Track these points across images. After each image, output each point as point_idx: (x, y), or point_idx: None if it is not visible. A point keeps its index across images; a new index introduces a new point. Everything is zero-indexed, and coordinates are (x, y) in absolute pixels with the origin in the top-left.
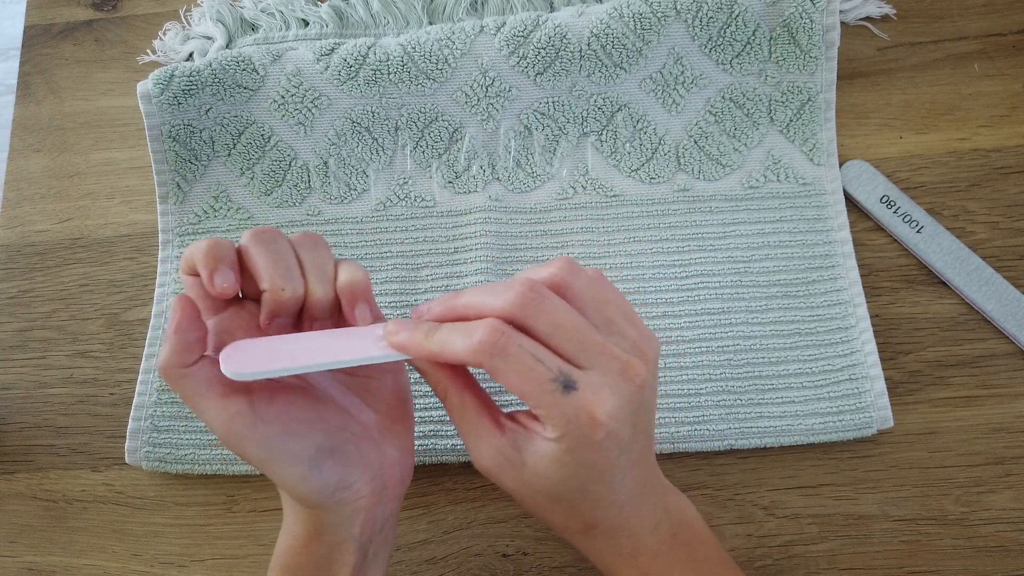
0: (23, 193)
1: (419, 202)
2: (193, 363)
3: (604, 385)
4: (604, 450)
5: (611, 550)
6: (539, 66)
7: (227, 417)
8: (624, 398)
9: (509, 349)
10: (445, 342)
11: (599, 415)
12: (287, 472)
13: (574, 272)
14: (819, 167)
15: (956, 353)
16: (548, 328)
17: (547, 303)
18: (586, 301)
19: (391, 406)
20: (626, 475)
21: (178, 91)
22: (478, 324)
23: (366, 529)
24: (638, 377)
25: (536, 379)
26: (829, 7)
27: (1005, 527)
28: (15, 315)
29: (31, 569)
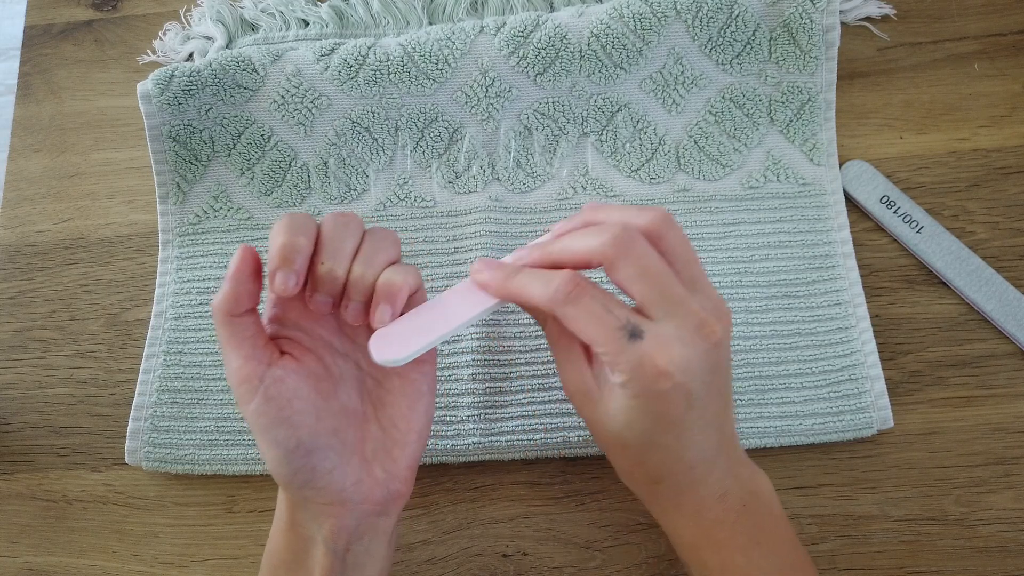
0: (23, 193)
1: (419, 202)
2: (240, 314)
3: (674, 337)
4: (671, 402)
5: (674, 507)
6: (539, 66)
7: (238, 377)
8: (696, 352)
9: (581, 299)
10: (524, 286)
11: (663, 364)
12: (265, 449)
13: (669, 225)
14: (819, 167)
15: (956, 353)
16: (634, 271)
17: (637, 247)
18: (677, 254)
19: (395, 429)
20: (697, 434)
21: (178, 91)
22: (557, 274)
23: (338, 536)
24: (714, 335)
25: (604, 326)
26: (829, 7)
27: (1005, 527)
28: (15, 315)
29: (31, 569)
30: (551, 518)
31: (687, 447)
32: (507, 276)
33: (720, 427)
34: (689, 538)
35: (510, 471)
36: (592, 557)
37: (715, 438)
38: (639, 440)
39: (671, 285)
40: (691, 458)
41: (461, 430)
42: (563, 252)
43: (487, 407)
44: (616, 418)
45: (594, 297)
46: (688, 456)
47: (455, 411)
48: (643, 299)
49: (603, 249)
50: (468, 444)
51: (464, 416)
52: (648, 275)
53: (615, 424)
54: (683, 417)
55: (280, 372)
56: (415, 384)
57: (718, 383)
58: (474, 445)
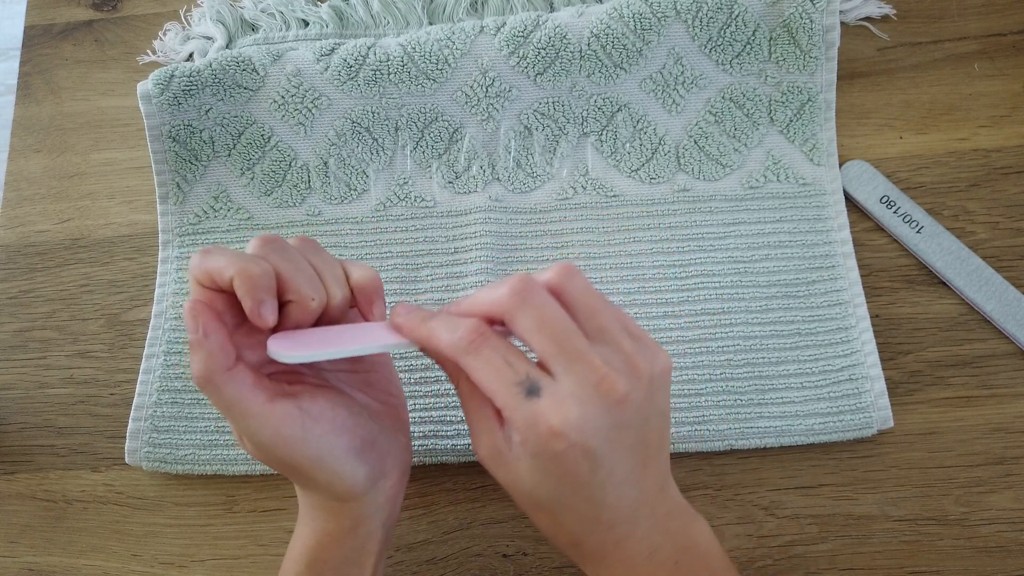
0: (23, 193)
1: (419, 202)
2: (232, 367)
3: (571, 395)
4: (571, 462)
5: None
6: (539, 66)
7: (276, 421)
8: (592, 411)
9: (482, 349)
10: (432, 331)
11: (556, 424)
12: (339, 468)
13: (570, 276)
14: (819, 167)
15: (956, 353)
16: (531, 324)
17: (535, 299)
18: (578, 306)
19: (390, 396)
20: (610, 494)
21: (178, 91)
22: (462, 321)
23: (392, 514)
24: (614, 392)
25: (503, 380)
26: (829, 7)
27: (1005, 527)
28: (15, 315)
29: (31, 569)
30: None
31: (600, 507)
32: (421, 320)
33: (638, 484)
34: None
35: None
36: None
37: (632, 496)
38: (549, 501)
39: (571, 338)
40: (608, 518)
41: (461, 430)
42: (471, 306)
43: None
44: (525, 479)
45: (496, 349)
46: (604, 516)
47: (455, 411)
48: (541, 353)
49: (499, 302)
50: (468, 444)
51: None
52: (545, 327)
53: (524, 486)
54: (589, 478)
55: (309, 396)
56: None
57: (627, 440)
58: None
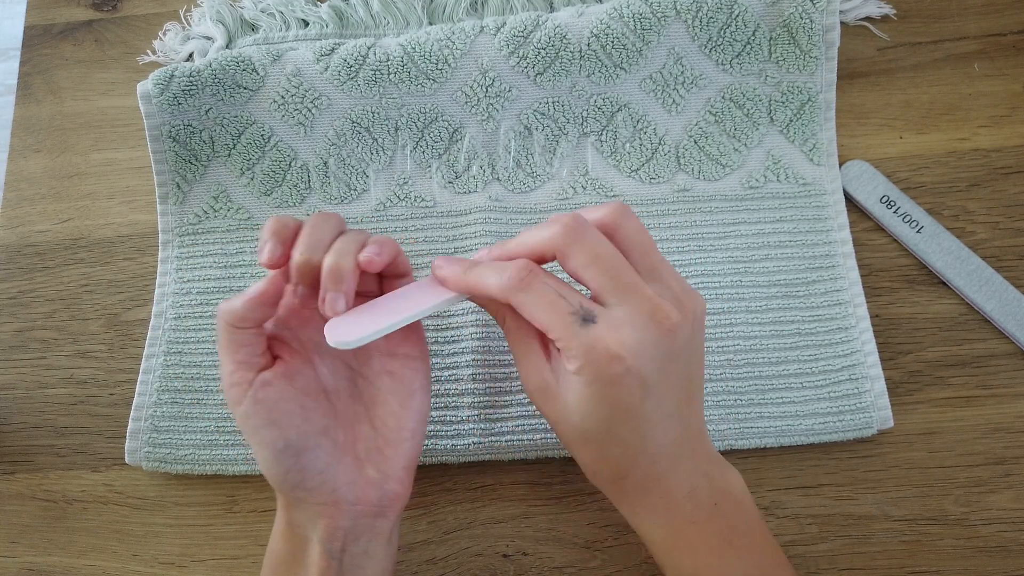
0: (23, 193)
1: (419, 202)
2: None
3: (627, 322)
4: (625, 388)
5: (644, 507)
6: (539, 66)
7: (229, 381)
8: (648, 337)
9: (534, 285)
10: (480, 277)
11: (614, 347)
12: (256, 450)
13: (624, 215)
14: (819, 167)
15: (956, 353)
16: (585, 259)
17: (588, 235)
18: (632, 243)
19: (387, 428)
20: (657, 425)
21: (178, 91)
22: (510, 263)
23: (334, 536)
24: (667, 320)
25: (557, 311)
26: (829, 7)
27: (1005, 527)
28: (15, 315)
29: (31, 569)
30: (551, 518)
31: (647, 439)
32: (465, 269)
33: (683, 419)
34: (661, 540)
35: (510, 471)
36: (592, 557)
37: (677, 430)
38: (598, 432)
39: (624, 272)
40: (653, 451)
41: (461, 430)
42: (518, 247)
43: (487, 407)
44: (574, 410)
45: (547, 283)
46: (650, 449)
47: (455, 411)
48: (596, 286)
49: (553, 239)
50: (468, 444)
51: (464, 416)
52: (599, 262)
53: (574, 417)
54: (639, 406)
55: (268, 376)
56: (405, 382)
57: (676, 372)
58: (474, 445)
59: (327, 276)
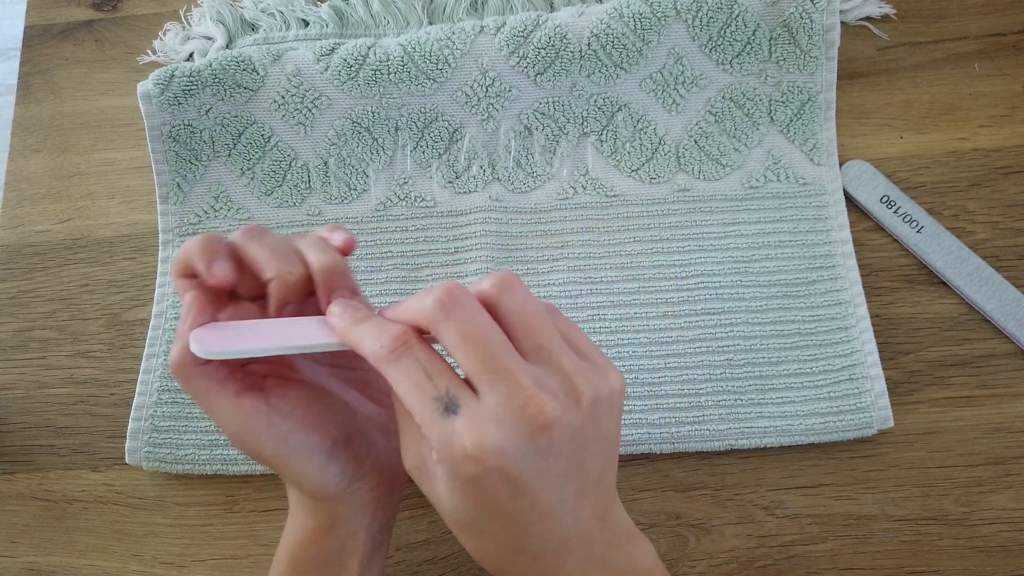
0: (23, 193)
1: (419, 202)
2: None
3: (491, 417)
4: (488, 488)
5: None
6: (539, 66)
7: (242, 415)
8: (514, 436)
9: (403, 359)
10: (361, 336)
11: (471, 447)
12: (305, 466)
13: (507, 288)
14: (819, 167)
15: (956, 353)
16: (456, 337)
17: (461, 312)
18: (514, 321)
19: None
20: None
21: (178, 91)
22: (389, 328)
23: (376, 519)
24: (541, 416)
25: (421, 394)
26: (829, 7)
27: (1005, 527)
28: (15, 315)
29: (31, 569)
30: None
31: (523, 537)
32: (353, 322)
33: (571, 514)
34: None
35: None
36: None
37: (563, 525)
38: (470, 525)
39: (499, 355)
40: (533, 548)
41: None
42: (398, 313)
43: None
44: (445, 499)
45: (418, 359)
46: (528, 546)
47: None
48: (466, 368)
49: (425, 312)
50: None
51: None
52: (470, 341)
53: (445, 505)
54: (509, 505)
55: (279, 389)
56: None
57: (557, 467)
58: None
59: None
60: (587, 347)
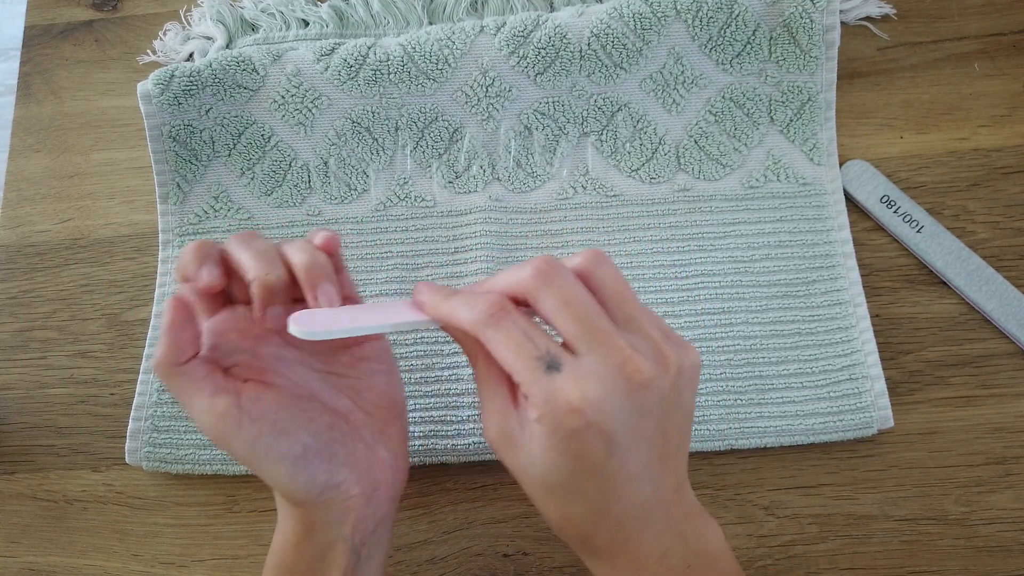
0: (23, 193)
1: (419, 202)
2: (185, 361)
3: (593, 373)
4: (587, 443)
5: (610, 569)
6: (539, 66)
7: (214, 416)
8: (613, 392)
9: (503, 323)
10: (453, 309)
11: (576, 399)
12: (273, 469)
13: (601, 262)
14: (819, 167)
15: (956, 353)
16: (556, 303)
17: (560, 279)
18: (607, 292)
19: (381, 408)
20: (624, 485)
21: (178, 91)
22: (483, 296)
23: (357, 530)
24: (638, 374)
25: (522, 354)
26: (829, 7)
27: (1005, 527)
28: (15, 315)
29: (31, 569)
30: None
31: (611, 499)
32: (442, 297)
33: (654, 480)
34: None
35: None
36: None
37: (647, 491)
38: (560, 486)
39: (596, 319)
40: (619, 512)
41: (461, 430)
42: (494, 285)
43: None
44: (537, 462)
45: (516, 323)
46: (615, 510)
47: (455, 411)
48: (565, 332)
49: (524, 281)
50: (468, 444)
51: (464, 416)
52: (570, 307)
53: (537, 469)
54: (603, 463)
55: (253, 392)
56: (380, 361)
57: (647, 429)
58: (474, 445)
59: (311, 270)
60: (665, 326)
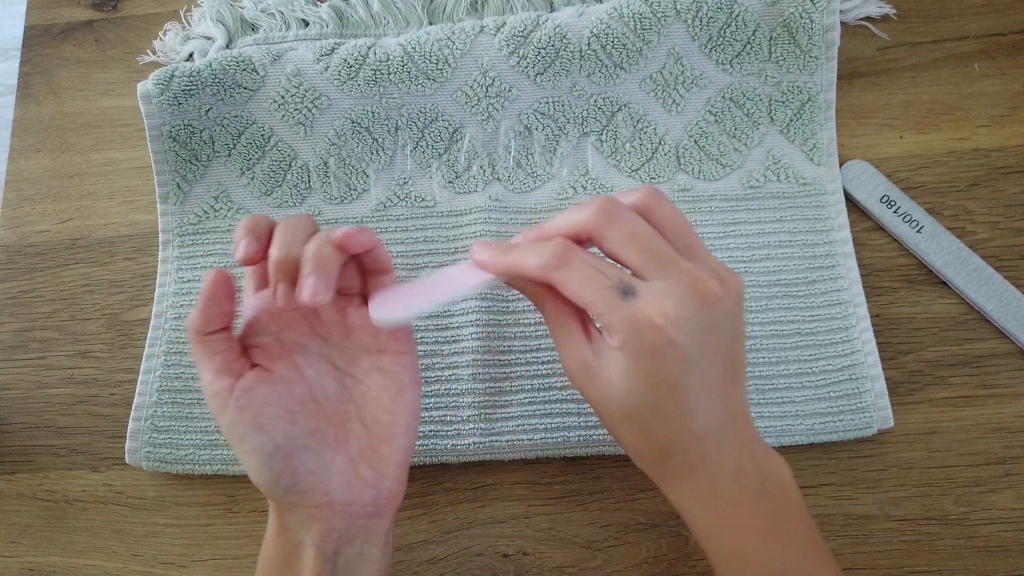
0: (23, 193)
1: (419, 202)
2: (212, 332)
3: (667, 293)
4: (667, 359)
5: (689, 488)
6: (539, 66)
7: (209, 392)
8: (688, 308)
9: (572, 262)
10: (518, 259)
11: (656, 318)
12: (245, 458)
13: (658, 198)
14: (819, 167)
15: (956, 353)
16: (622, 237)
17: (623, 215)
18: (667, 224)
19: (379, 424)
20: (701, 400)
21: (178, 91)
22: (547, 243)
23: (327, 539)
24: (709, 292)
25: (597, 286)
26: (829, 7)
27: (1005, 527)
28: (15, 315)
29: (31, 569)
30: (551, 518)
31: (691, 414)
32: (503, 252)
33: (726, 397)
34: (705, 522)
35: (510, 471)
36: (592, 557)
37: (720, 407)
38: (641, 408)
39: (662, 248)
40: (698, 428)
41: (461, 430)
42: (553, 229)
43: (487, 407)
44: (617, 387)
45: (584, 260)
46: (694, 425)
47: (455, 411)
48: (634, 262)
49: (589, 220)
50: (468, 444)
51: (464, 416)
52: (636, 240)
53: (616, 394)
54: (682, 379)
55: (248, 383)
56: (396, 377)
57: (717, 345)
58: (474, 445)
59: (308, 261)
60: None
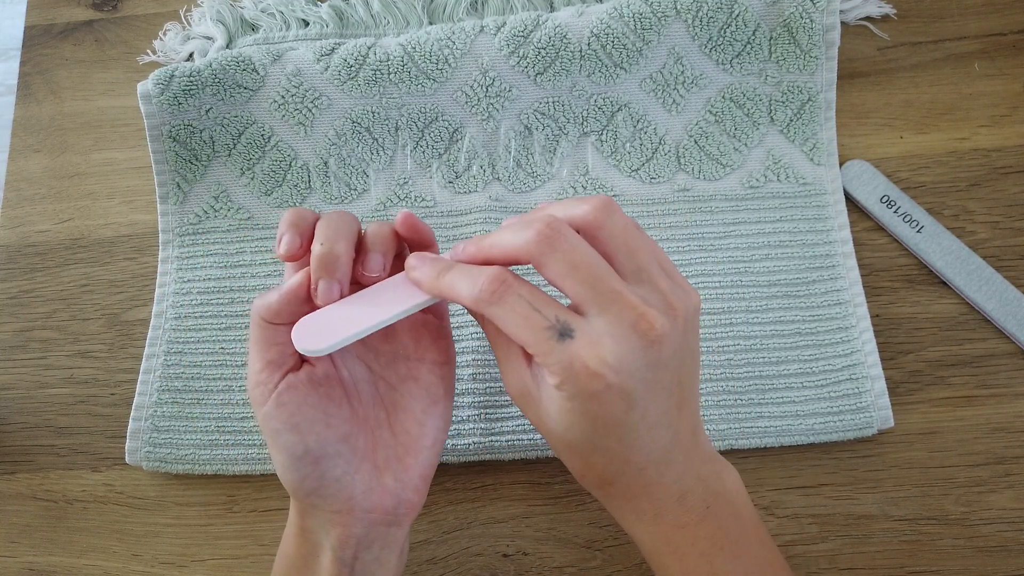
0: (23, 193)
1: (419, 202)
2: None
3: (606, 335)
4: (607, 403)
5: (632, 511)
6: (539, 66)
7: (254, 380)
8: (630, 350)
9: (506, 298)
10: (452, 284)
11: (593, 364)
12: (275, 454)
13: (608, 213)
14: (819, 167)
15: (956, 353)
16: (562, 268)
17: (563, 242)
18: (616, 245)
19: (407, 434)
20: (644, 435)
21: (178, 91)
22: (482, 271)
23: (345, 544)
24: (652, 331)
25: (532, 327)
26: (829, 7)
27: (1005, 527)
28: (15, 315)
29: (31, 569)
30: (551, 518)
31: (633, 449)
32: (438, 273)
33: (672, 426)
34: (650, 544)
35: (510, 471)
36: (592, 557)
37: (666, 437)
38: (581, 442)
39: (605, 279)
40: (639, 460)
41: (461, 430)
42: (492, 248)
43: (487, 407)
44: (556, 420)
45: (520, 296)
46: (635, 458)
47: (455, 411)
48: (574, 295)
49: (527, 246)
50: (468, 444)
51: (464, 416)
52: (577, 270)
53: (556, 427)
54: (623, 419)
55: (294, 380)
56: (431, 388)
57: (663, 381)
58: (474, 445)
59: (316, 262)
60: (670, 266)
